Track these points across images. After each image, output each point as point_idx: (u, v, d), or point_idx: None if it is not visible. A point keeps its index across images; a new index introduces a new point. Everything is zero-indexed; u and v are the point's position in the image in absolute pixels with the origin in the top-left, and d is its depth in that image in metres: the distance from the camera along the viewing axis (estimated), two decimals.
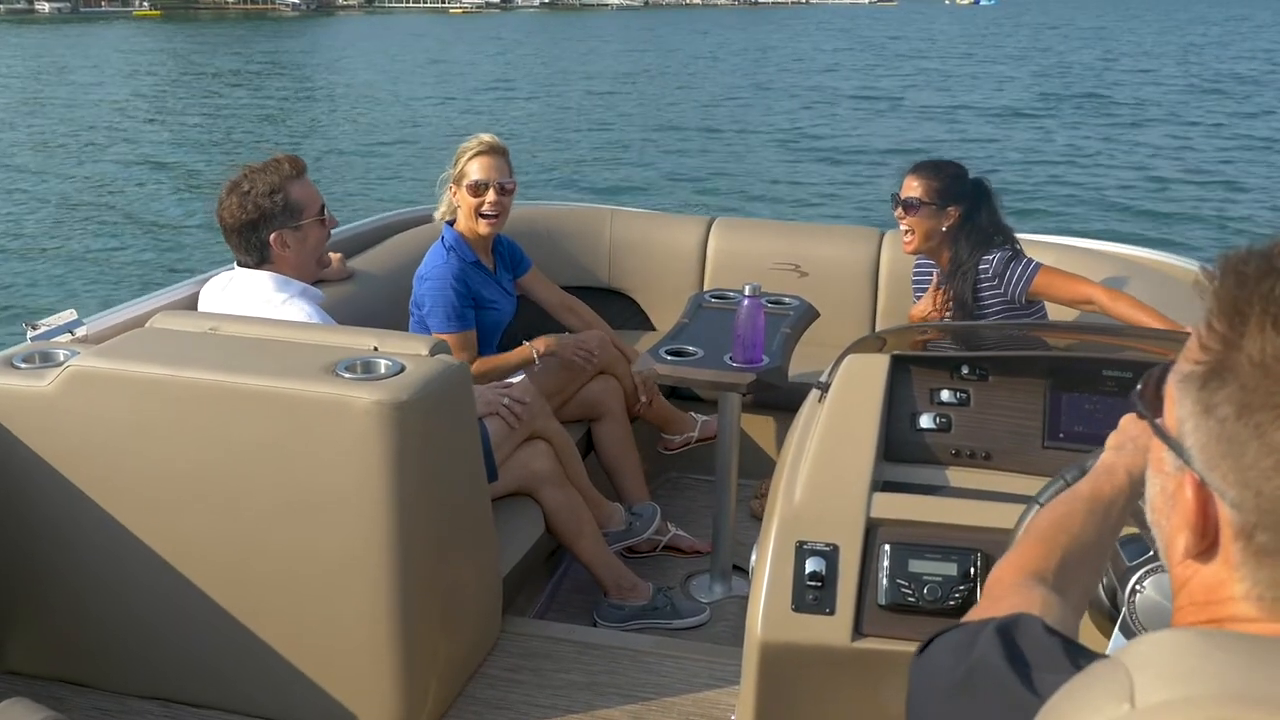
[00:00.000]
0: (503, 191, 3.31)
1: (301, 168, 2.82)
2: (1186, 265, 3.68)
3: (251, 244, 2.74)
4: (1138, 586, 1.42)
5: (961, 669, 0.89)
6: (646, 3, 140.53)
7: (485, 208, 3.28)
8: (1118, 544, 1.44)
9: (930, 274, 3.48)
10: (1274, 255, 0.73)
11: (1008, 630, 0.89)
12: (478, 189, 3.28)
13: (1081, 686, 0.71)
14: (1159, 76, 31.05)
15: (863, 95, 27.71)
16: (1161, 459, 0.82)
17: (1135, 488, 1.20)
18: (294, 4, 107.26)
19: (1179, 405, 0.77)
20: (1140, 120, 22.42)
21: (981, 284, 3.27)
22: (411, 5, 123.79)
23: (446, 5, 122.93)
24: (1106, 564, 1.33)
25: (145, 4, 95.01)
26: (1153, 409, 0.83)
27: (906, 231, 3.32)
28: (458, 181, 3.32)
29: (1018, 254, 3.28)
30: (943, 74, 33.79)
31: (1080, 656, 0.85)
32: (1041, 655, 0.87)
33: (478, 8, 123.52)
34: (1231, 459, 0.72)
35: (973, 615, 1.03)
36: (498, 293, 3.38)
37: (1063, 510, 1.17)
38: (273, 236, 2.73)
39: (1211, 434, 0.73)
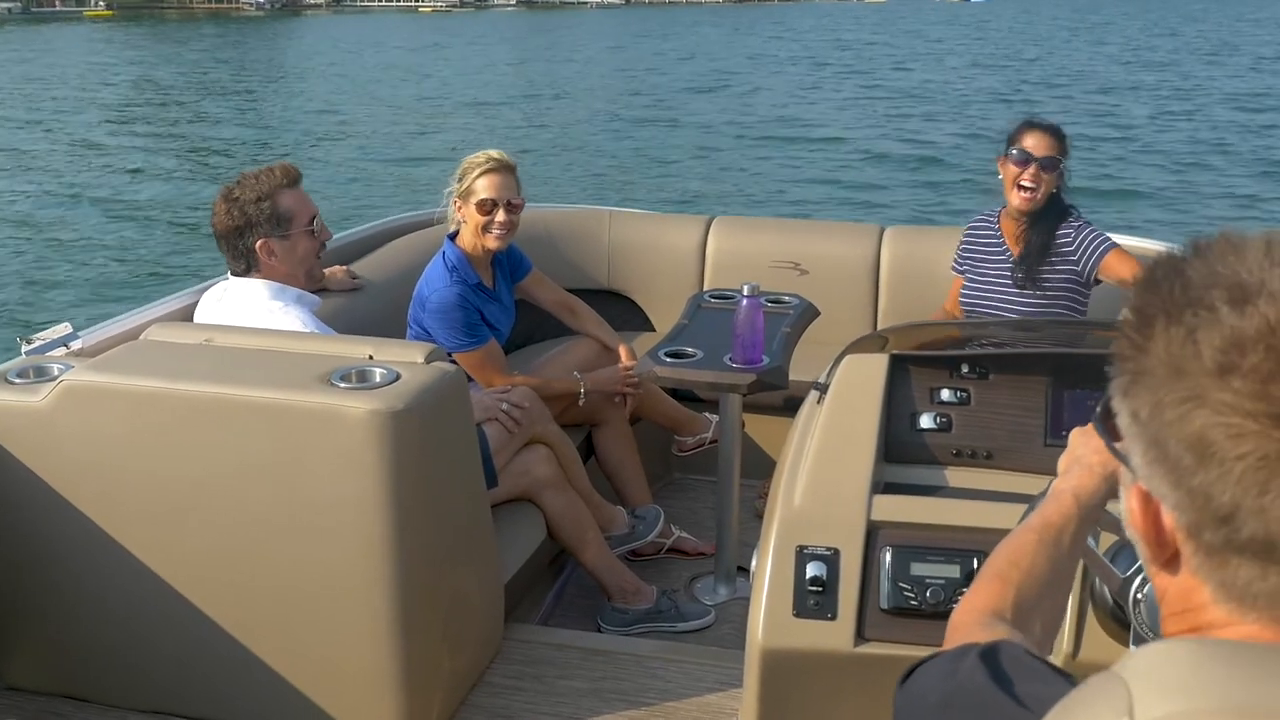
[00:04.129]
0: (511, 209, 3.26)
1: (295, 177, 2.79)
2: None
3: (238, 250, 2.73)
4: (1138, 595, 1.40)
5: (947, 688, 0.89)
6: (628, 1, 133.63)
7: (494, 227, 3.24)
8: (1105, 558, 1.43)
9: (984, 236, 3.48)
10: (1179, 257, 0.75)
11: (991, 653, 0.90)
12: (485, 207, 3.23)
13: (1079, 701, 0.70)
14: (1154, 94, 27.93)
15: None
16: (1124, 475, 0.82)
17: (1084, 510, 1.19)
18: (258, 3, 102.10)
19: (1120, 418, 0.78)
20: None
21: (1055, 254, 3.27)
22: (384, 4, 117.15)
23: (416, 4, 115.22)
24: (1070, 590, 1.31)
25: (100, 3, 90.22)
26: (1110, 430, 0.83)
27: (1031, 189, 3.27)
28: (464, 197, 3.25)
29: (1091, 224, 3.30)
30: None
31: (1065, 676, 0.85)
32: (1025, 672, 0.87)
33: (451, 6, 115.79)
34: (1160, 461, 0.72)
35: None
36: (498, 312, 3.35)
37: (1014, 545, 1.16)
38: (258, 244, 2.71)
39: (1141, 440, 0.74)
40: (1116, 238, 3.78)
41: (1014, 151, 3.27)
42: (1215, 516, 0.70)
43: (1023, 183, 3.25)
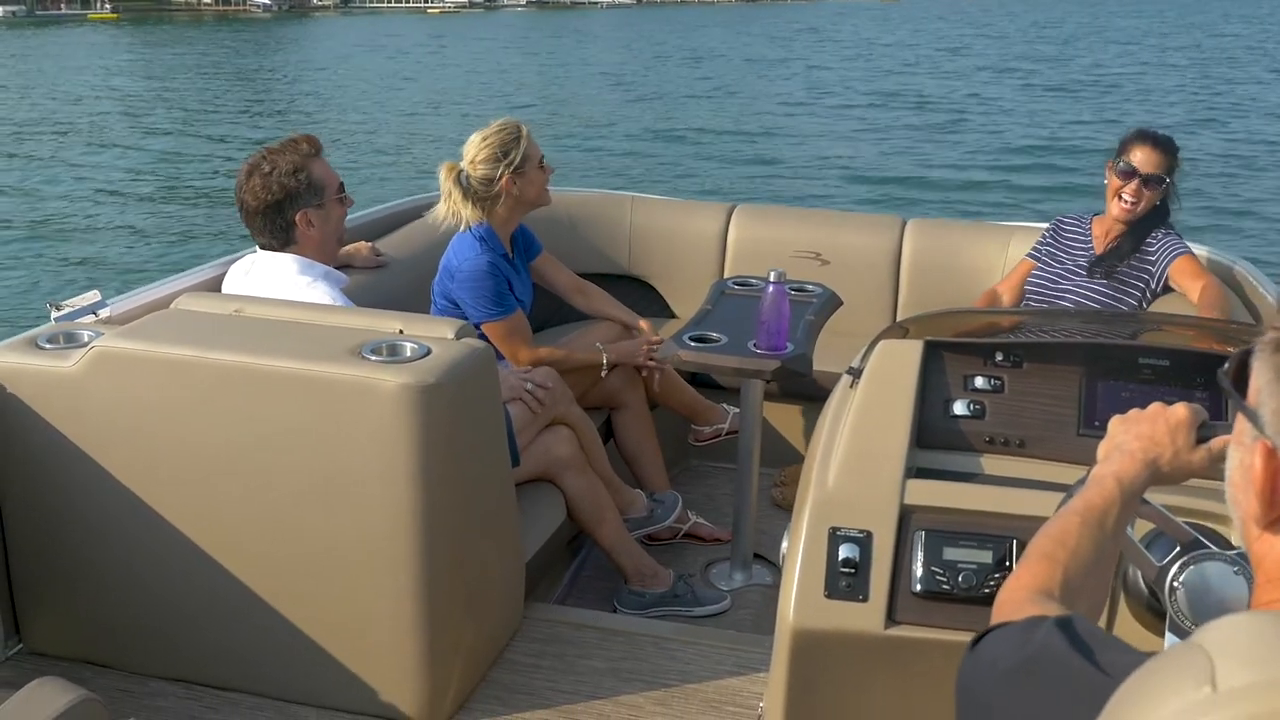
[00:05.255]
0: None
1: (318, 146, 2.80)
2: None
3: (277, 225, 2.72)
4: (1174, 584, 1.41)
5: (1024, 653, 0.90)
6: (639, 0, 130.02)
7: (548, 181, 3.30)
8: (1142, 546, 1.44)
9: (1072, 232, 3.50)
10: None
11: (1067, 623, 0.91)
12: (545, 164, 3.29)
13: (1159, 669, 0.71)
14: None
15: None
16: (1241, 432, 0.82)
17: (1126, 495, 1.21)
18: (265, 4, 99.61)
19: (1257, 375, 0.78)
20: None
21: (1137, 256, 3.31)
22: (392, 5, 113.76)
23: (425, 5, 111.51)
24: (1113, 573, 1.33)
25: (105, 6, 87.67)
26: (1237, 386, 0.82)
27: (1131, 203, 3.30)
28: (522, 167, 3.18)
29: (1179, 236, 3.34)
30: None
31: (1137, 650, 0.85)
32: (1102, 643, 0.88)
33: (459, 7, 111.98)
34: None
35: None
36: (522, 284, 3.35)
37: (1059, 527, 1.18)
38: (298, 216, 2.71)
39: None
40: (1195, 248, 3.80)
41: (1121, 163, 3.31)
42: None
43: (1124, 195, 3.31)
